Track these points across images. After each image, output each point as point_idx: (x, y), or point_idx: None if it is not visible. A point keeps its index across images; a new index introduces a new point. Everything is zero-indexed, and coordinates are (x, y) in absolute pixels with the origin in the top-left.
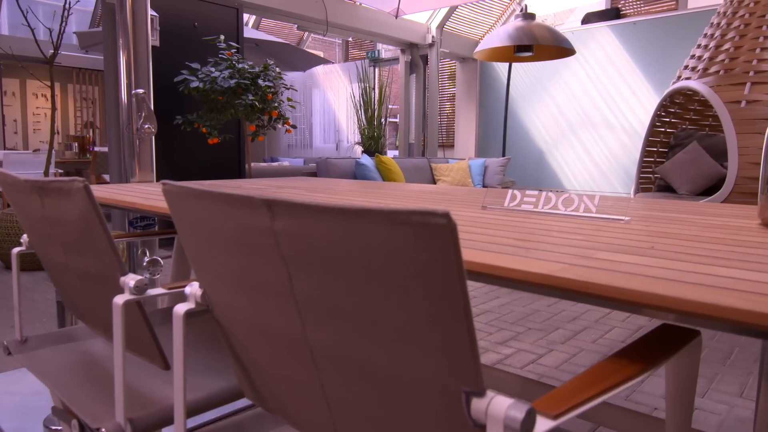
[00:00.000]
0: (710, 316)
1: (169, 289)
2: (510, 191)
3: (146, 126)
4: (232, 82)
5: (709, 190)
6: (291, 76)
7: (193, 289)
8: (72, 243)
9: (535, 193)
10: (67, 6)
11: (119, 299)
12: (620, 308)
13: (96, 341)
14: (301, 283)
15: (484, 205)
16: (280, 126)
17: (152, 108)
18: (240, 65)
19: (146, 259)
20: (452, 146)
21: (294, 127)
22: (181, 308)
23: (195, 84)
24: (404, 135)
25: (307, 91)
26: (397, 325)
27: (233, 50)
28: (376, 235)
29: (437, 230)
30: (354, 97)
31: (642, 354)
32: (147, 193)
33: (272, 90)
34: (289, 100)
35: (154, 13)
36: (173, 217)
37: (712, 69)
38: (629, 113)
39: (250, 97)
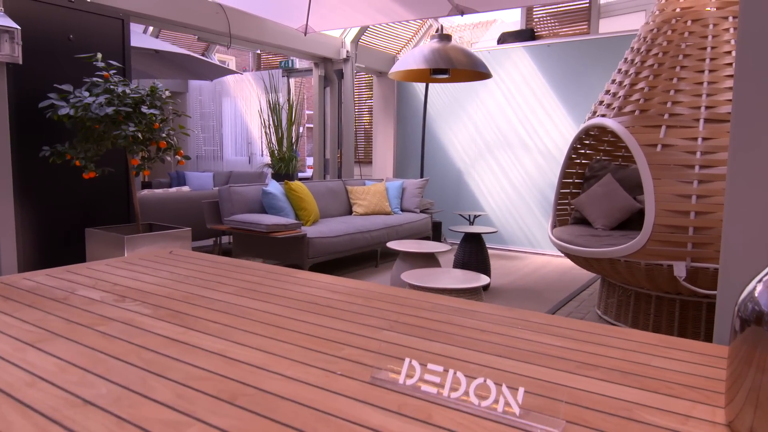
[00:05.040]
0: None
1: None
2: (407, 361)
3: None
4: (110, 109)
5: (624, 224)
6: (198, 84)
7: None
8: None
9: (440, 370)
10: None
11: None
12: None
13: None
14: None
15: (373, 375)
16: (169, 159)
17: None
18: (120, 89)
19: None
20: (370, 163)
21: (187, 158)
22: None
23: (65, 110)
24: (319, 152)
25: (217, 99)
26: None
27: (113, 71)
28: None
29: None
30: (263, 114)
31: None
32: None
33: (160, 117)
34: (181, 128)
35: (15, 26)
36: None
37: (627, 108)
38: (544, 135)
39: (132, 128)
